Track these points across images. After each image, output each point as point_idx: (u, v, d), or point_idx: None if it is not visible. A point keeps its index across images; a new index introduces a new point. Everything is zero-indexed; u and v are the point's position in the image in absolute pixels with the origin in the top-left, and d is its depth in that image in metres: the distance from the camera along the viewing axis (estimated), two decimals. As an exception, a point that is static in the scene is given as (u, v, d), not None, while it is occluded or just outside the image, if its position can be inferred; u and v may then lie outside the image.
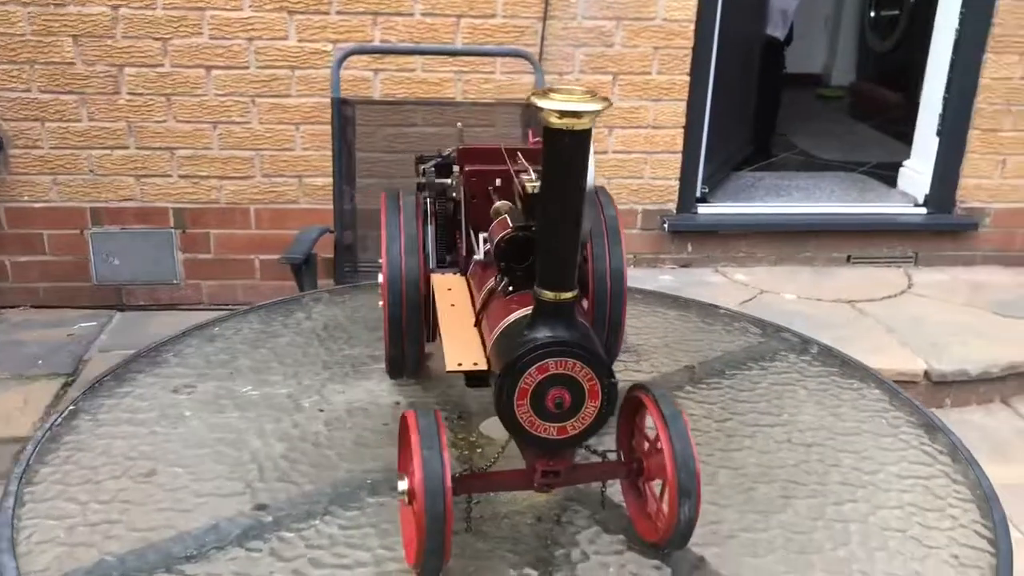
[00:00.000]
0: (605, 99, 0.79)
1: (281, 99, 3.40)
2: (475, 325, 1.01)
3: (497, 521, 1.00)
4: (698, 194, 3.77)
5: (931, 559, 0.96)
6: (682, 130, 3.64)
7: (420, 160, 1.30)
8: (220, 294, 3.62)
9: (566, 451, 0.91)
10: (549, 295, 0.86)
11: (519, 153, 1.20)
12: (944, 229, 3.88)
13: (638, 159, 3.67)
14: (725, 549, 0.97)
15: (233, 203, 3.52)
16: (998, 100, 3.68)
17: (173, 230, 3.52)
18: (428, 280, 1.15)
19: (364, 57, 3.39)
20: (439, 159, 1.22)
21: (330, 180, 2.71)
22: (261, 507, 1.02)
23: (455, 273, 1.15)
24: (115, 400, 1.23)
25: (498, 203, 1.09)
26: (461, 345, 0.96)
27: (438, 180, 1.19)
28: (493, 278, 1.01)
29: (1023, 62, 3.63)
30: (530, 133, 1.32)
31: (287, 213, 3.54)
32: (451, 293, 1.09)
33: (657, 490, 0.95)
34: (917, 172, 3.98)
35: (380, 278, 1.25)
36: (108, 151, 3.40)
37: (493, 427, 1.21)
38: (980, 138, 3.73)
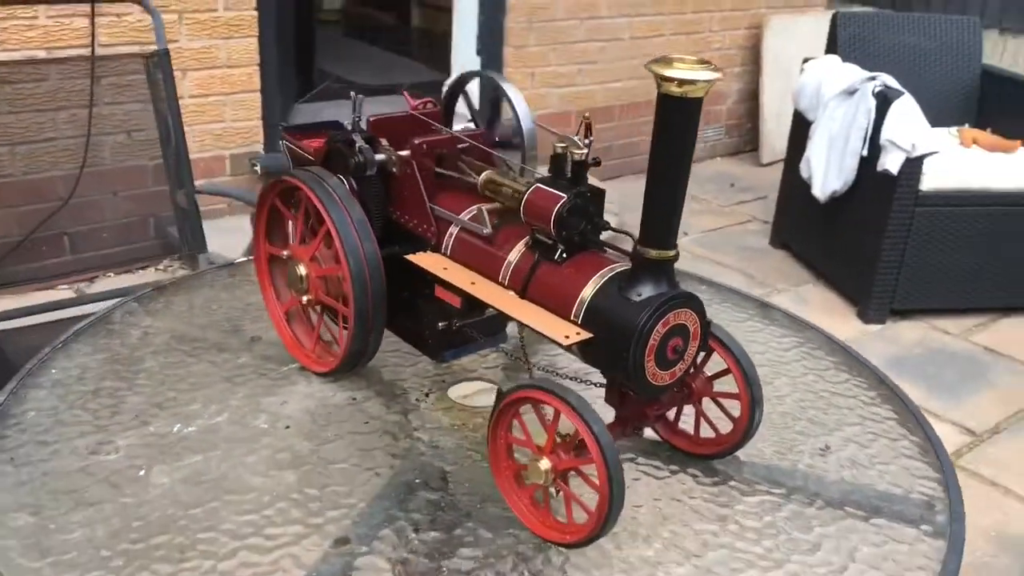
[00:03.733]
0: (717, 69, 0.86)
1: None
2: (523, 296, 1.01)
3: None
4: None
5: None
6: (258, 68, 3.52)
7: (293, 133, 1.21)
8: None
9: (666, 393, 0.99)
10: (653, 253, 0.92)
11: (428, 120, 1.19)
12: (493, 138, 4.32)
13: (217, 102, 3.48)
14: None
15: None
16: (523, 19, 4.15)
17: None
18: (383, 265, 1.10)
19: None
20: (353, 133, 1.14)
21: None
22: (342, 541, 0.93)
23: (426, 251, 1.11)
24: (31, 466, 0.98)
25: (486, 173, 1.08)
26: (540, 318, 0.97)
27: (378, 157, 1.12)
28: (519, 248, 1.02)
29: (537, -16, 4.14)
30: (406, 96, 1.28)
31: None
32: (451, 272, 1.06)
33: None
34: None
35: (302, 270, 1.16)
36: None
37: (458, 391, 1.22)
38: (514, 55, 4.19)
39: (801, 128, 3.68)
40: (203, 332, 1.30)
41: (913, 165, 3.14)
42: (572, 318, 0.96)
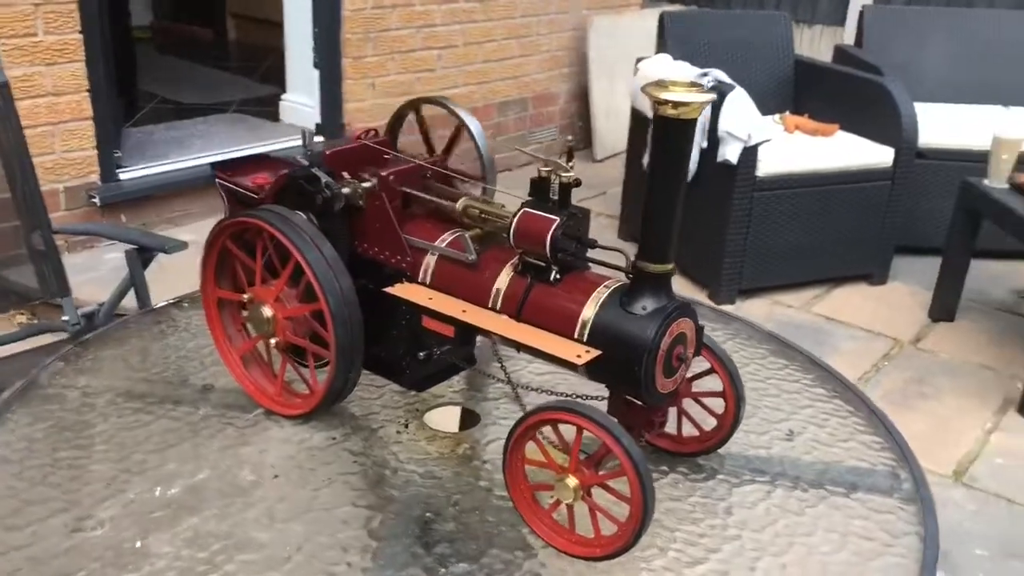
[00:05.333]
0: (709, 91, 0.90)
1: None
2: (518, 320, 1.02)
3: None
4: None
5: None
6: (88, 94, 3.31)
7: (225, 170, 1.18)
8: None
9: (669, 399, 1.03)
10: (652, 267, 0.95)
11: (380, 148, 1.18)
12: (336, 152, 4.24)
13: (45, 132, 3.24)
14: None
15: None
16: (359, 30, 4.10)
17: None
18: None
19: None
20: (309, 167, 1.11)
21: None
22: (373, 586, 0.91)
23: (403, 281, 1.09)
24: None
25: (463, 199, 1.08)
26: (546, 340, 0.98)
27: (344, 191, 1.09)
28: (506, 272, 1.03)
29: (370, -7, 4.10)
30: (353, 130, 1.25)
31: None
32: (437, 301, 1.05)
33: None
34: (301, 104, 4.24)
35: (268, 312, 1.12)
36: None
37: (434, 418, 1.21)
38: (352, 66, 4.12)
39: (641, 126, 3.84)
40: (150, 387, 1.23)
41: (750, 153, 3.35)
42: (576, 337, 0.98)
